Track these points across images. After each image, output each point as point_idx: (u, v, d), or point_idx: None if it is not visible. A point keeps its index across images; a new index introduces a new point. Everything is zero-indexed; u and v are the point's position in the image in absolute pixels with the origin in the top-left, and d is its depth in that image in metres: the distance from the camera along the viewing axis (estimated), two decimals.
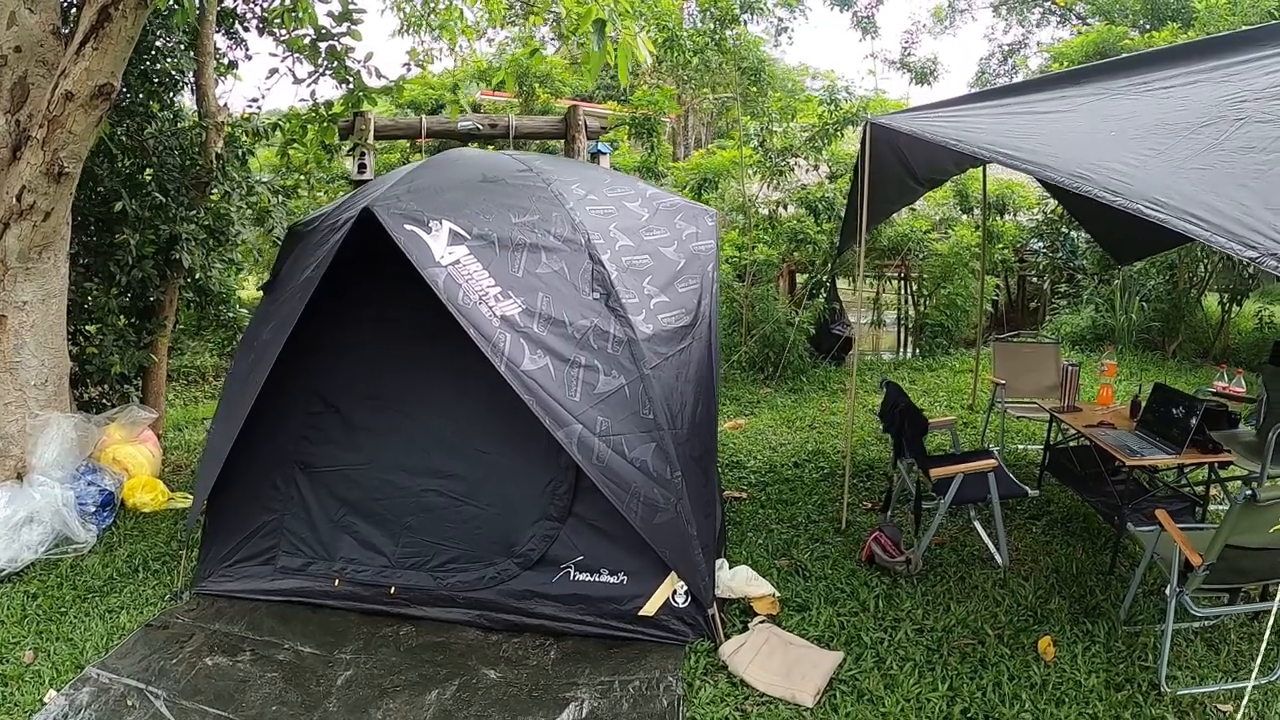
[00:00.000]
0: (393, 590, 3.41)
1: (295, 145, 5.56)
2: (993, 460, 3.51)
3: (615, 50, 3.80)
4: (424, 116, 6.25)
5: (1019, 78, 15.43)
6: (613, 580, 3.25)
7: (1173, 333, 7.62)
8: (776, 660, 3.06)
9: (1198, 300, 7.78)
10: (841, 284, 7.74)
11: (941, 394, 6.59)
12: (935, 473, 3.49)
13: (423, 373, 3.54)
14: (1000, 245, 8.09)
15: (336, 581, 3.50)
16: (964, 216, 8.31)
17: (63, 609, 3.68)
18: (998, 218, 8.37)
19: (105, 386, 4.75)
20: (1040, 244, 8.44)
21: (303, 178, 5.68)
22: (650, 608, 3.22)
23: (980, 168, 4.73)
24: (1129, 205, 2.49)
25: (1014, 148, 2.90)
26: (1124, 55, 3.57)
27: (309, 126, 5.74)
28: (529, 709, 2.89)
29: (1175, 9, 8.46)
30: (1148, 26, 8.47)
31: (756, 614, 3.34)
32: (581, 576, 3.28)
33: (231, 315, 5.39)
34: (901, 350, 8.76)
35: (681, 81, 7.24)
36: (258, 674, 3.17)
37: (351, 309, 3.61)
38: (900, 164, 3.95)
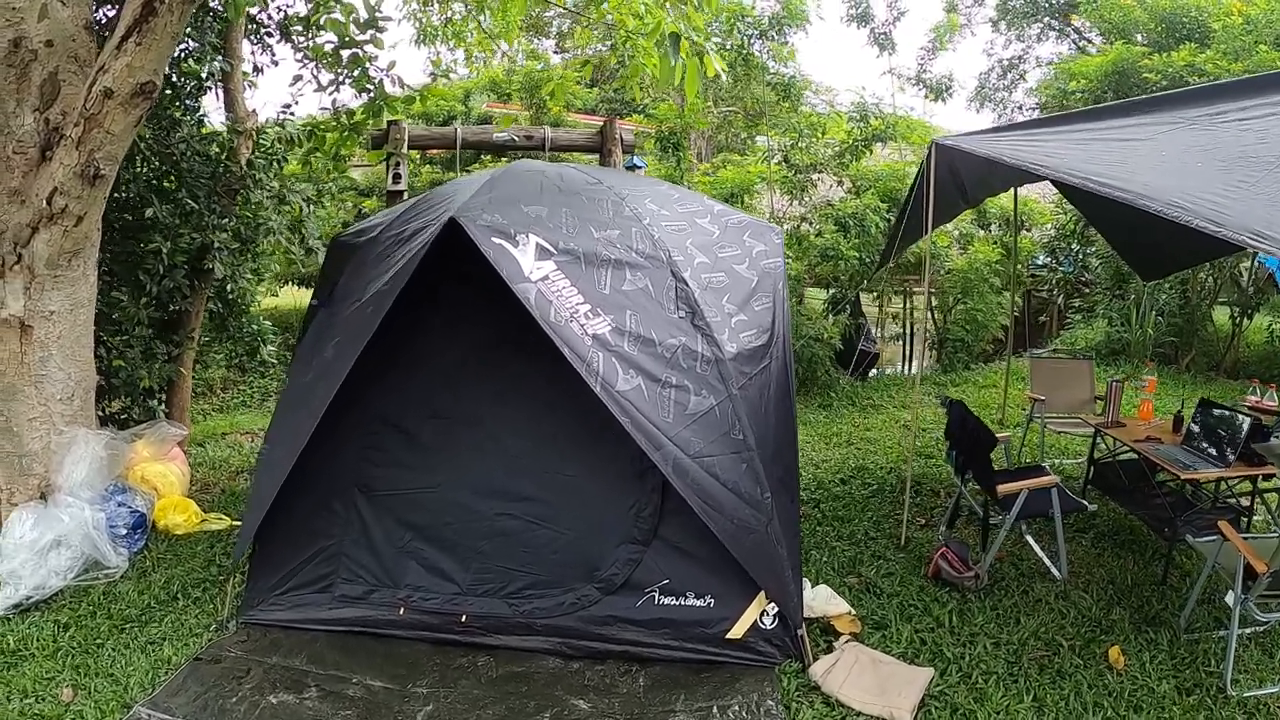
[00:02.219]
0: (464, 618, 3.14)
1: (318, 154, 5.21)
2: (1055, 477, 3.43)
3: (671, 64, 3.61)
4: (458, 126, 5.94)
5: (1019, 93, 15.48)
6: (699, 603, 3.05)
7: (1186, 346, 7.49)
8: (869, 678, 2.92)
9: (1208, 314, 7.68)
10: (865, 299, 7.60)
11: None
12: (1001, 489, 3.40)
13: (495, 392, 3.28)
14: (1017, 261, 8.02)
15: (402, 610, 3.20)
16: (981, 232, 8.23)
17: (99, 640, 3.30)
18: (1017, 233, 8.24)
19: (128, 401, 4.32)
20: (1049, 259, 8.41)
21: (324, 187, 5.32)
22: (738, 630, 3.03)
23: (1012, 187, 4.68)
24: (1233, 236, 2.44)
25: (1106, 175, 2.83)
26: (1198, 86, 3.54)
27: (328, 135, 5.40)
28: None
29: (1190, 29, 8.32)
30: (1160, 45, 8.29)
31: (838, 633, 3.18)
32: (667, 600, 3.07)
33: (255, 328, 4.98)
34: (906, 364, 8.66)
35: (669, 96, 7.07)
36: (329, 712, 2.85)
37: (417, 325, 3.33)
38: (953, 182, 3.88)
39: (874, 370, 7.79)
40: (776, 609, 3.02)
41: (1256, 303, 7.62)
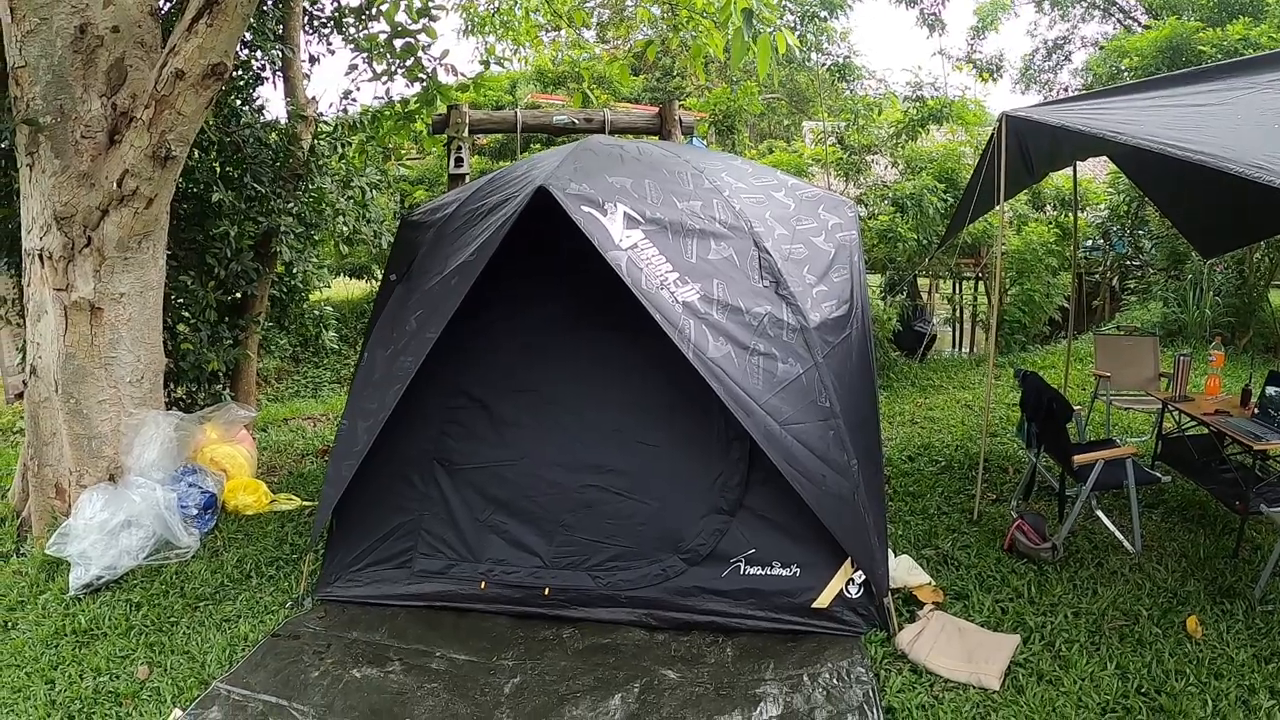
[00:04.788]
0: (547, 591, 3.03)
1: (372, 142, 5.16)
2: (1133, 448, 3.35)
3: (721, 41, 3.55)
4: (519, 110, 5.87)
5: (1064, 74, 14.84)
6: (785, 573, 2.95)
7: (1243, 327, 7.15)
8: (955, 646, 2.82)
9: (1264, 295, 7.37)
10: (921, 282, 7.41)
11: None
12: (1079, 459, 3.32)
13: (576, 364, 3.17)
14: (1070, 243, 7.79)
15: (483, 584, 3.09)
16: (1036, 213, 7.96)
17: (173, 619, 3.18)
18: (1069, 215, 7.81)
19: (193, 385, 4.22)
20: (1101, 241, 8.17)
21: (383, 176, 5.27)
22: (824, 600, 2.93)
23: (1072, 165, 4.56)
24: None
25: (1184, 140, 2.73)
26: (1267, 52, 3.47)
27: (384, 123, 5.35)
28: (722, 708, 2.56)
29: (1243, 3, 8.09)
30: (1213, 21, 7.99)
31: (920, 603, 3.09)
32: (752, 570, 2.96)
33: (317, 313, 4.89)
34: (957, 347, 8.46)
35: (730, 81, 6.98)
36: (414, 685, 2.74)
37: (497, 297, 3.23)
38: (1021, 157, 3.79)
39: (930, 352, 7.63)
40: (862, 578, 2.92)
41: None
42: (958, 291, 8.66)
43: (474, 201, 3.23)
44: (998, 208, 3.47)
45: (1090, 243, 8.61)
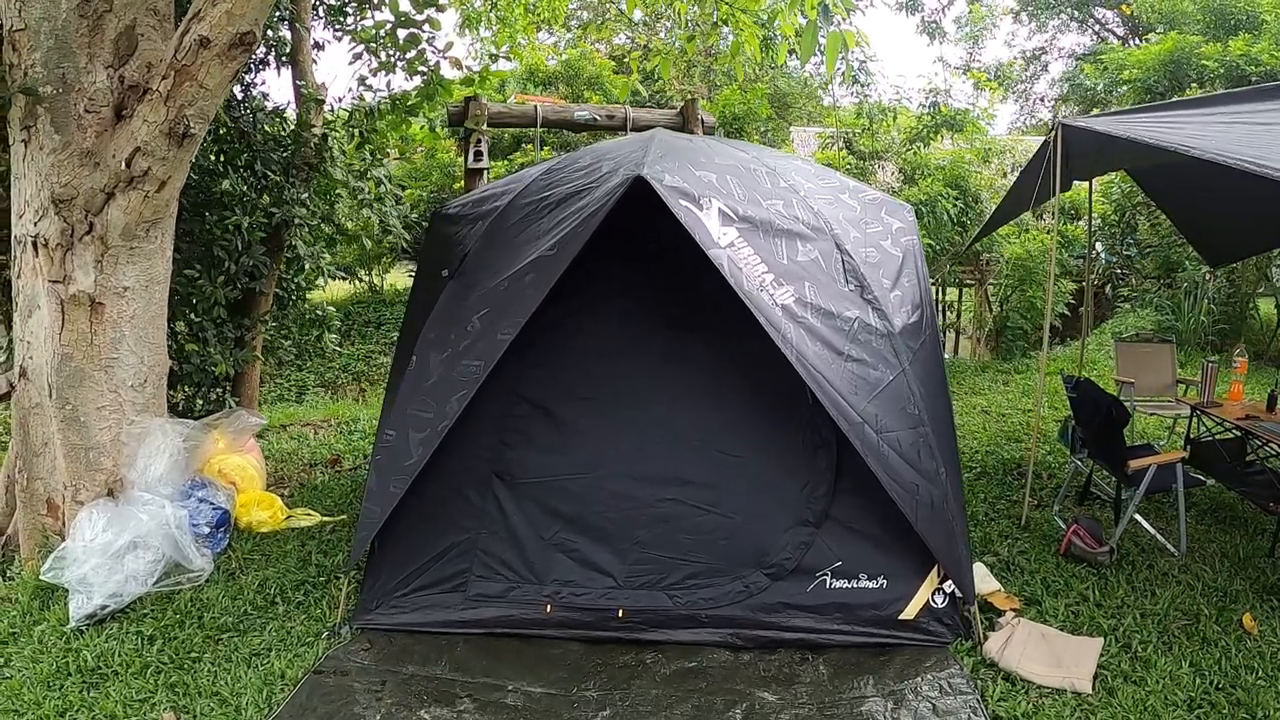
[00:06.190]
0: (622, 614, 2.80)
1: (374, 134, 4.79)
2: (1182, 452, 3.39)
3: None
4: (538, 104, 5.57)
5: (1041, 84, 15.40)
6: (872, 585, 2.82)
7: (1235, 334, 7.24)
8: (1043, 652, 2.76)
9: (1254, 302, 7.51)
10: None
11: (1042, 395, 6.11)
12: (1133, 464, 3.33)
13: (649, 369, 2.94)
14: (1071, 252, 7.90)
15: (548, 607, 2.84)
16: (1038, 222, 7.96)
17: (193, 654, 2.79)
18: (1069, 223, 8.05)
19: (193, 389, 3.76)
20: (1093, 250, 8.37)
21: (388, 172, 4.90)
22: (911, 611, 2.81)
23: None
24: None
25: (1261, 157, 2.78)
26: None
27: (382, 116, 5.00)
28: None
29: (1240, 19, 8.12)
30: (1209, 36, 8.05)
31: (997, 610, 3.02)
32: (839, 584, 2.82)
33: (320, 313, 4.47)
34: (947, 353, 8.57)
35: (712, 86, 6.90)
36: None
37: (562, 297, 2.99)
38: (1063, 165, 3.82)
39: None
40: (950, 588, 2.83)
41: None
42: (943, 296, 8.78)
43: (533, 193, 2.98)
44: (1049, 217, 3.44)
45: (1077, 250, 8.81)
